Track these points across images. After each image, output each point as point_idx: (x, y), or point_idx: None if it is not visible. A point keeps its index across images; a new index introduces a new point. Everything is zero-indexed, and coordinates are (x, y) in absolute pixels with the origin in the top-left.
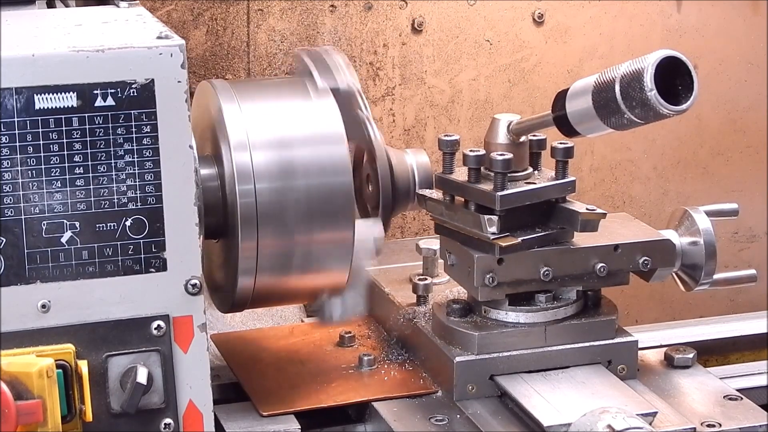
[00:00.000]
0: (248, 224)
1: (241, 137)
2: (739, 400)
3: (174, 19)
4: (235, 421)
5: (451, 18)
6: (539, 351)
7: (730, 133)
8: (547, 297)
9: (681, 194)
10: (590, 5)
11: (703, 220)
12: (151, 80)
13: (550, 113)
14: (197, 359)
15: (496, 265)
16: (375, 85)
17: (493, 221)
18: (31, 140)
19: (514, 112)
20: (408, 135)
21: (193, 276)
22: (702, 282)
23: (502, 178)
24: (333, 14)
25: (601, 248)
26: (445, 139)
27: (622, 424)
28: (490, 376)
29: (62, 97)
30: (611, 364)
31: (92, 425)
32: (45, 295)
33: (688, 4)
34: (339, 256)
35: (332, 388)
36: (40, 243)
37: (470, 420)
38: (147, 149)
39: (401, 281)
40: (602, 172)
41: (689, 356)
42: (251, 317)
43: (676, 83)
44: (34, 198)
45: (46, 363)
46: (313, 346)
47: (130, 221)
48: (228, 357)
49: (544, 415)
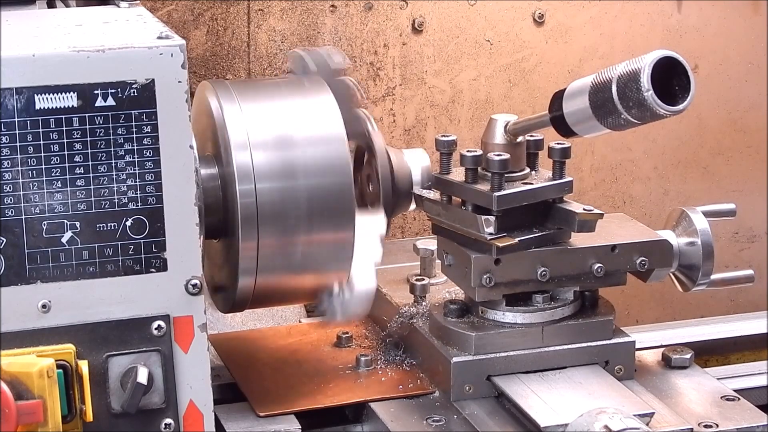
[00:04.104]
0: (249, 224)
1: (241, 137)
2: (736, 400)
3: (174, 19)
4: (235, 421)
5: (452, 18)
6: (536, 351)
7: (730, 133)
8: (544, 297)
9: (681, 194)
10: (591, 5)
11: (700, 221)
12: (151, 80)
13: (547, 113)
14: (198, 359)
15: (493, 266)
16: (375, 85)
17: (490, 222)
18: (32, 140)
19: (515, 112)
20: (408, 135)
21: (193, 276)
22: (699, 282)
23: (499, 179)
24: (333, 14)
25: (598, 248)
26: (442, 139)
27: (619, 425)
28: (487, 377)
29: (63, 97)
30: (608, 365)
31: (92, 425)
32: (45, 295)
33: (689, 4)
34: (339, 256)
35: (329, 389)
36: (41, 243)
37: (467, 420)
38: (147, 149)
39: (399, 281)
40: (603, 172)
41: (687, 357)
42: (251, 317)
43: (673, 83)
44: (34, 198)
45: (47, 363)
46: (311, 346)
47: (131, 221)
48: (225, 357)
49: (541, 415)
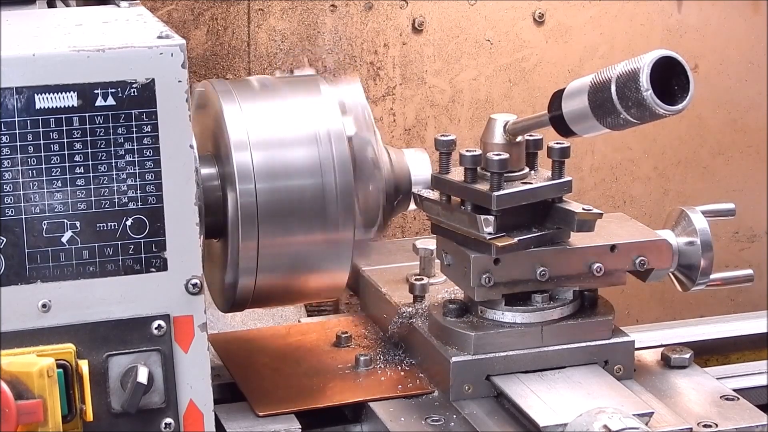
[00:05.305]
0: (249, 224)
1: (241, 137)
2: (735, 400)
3: (174, 18)
4: (235, 420)
5: (452, 18)
6: (536, 351)
7: (730, 132)
8: (543, 297)
9: (681, 194)
10: (591, 5)
11: (699, 220)
12: (151, 80)
13: (546, 113)
14: (198, 359)
15: (493, 266)
16: (375, 84)
17: (489, 221)
18: (32, 140)
19: (515, 111)
20: (408, 135)
21: (193, 276)
22: (699, 282)
23: (498, 178)
24: (333, 14)
25: (597, 248)
26: (442, 139)
27: (618, 425)
28: (487, 377)
29: (63, 97)
30: (608, 365)
31: (93, 425)
32: (45, 295)
33: (689, 4)
34: (340, 256)
35: (328, 389)
36: (41, 243)
37: (466, 420)
38: (147, 149)
39: (398, 281)
40: (603, 172)
41: (686, 356)
42: (251, 317)
43: (672, 83)
44: (34, 198)
45: (47, 363)
46: (310, 346)
47: (131, 221)
48: (224, 357)
49: (540, 415)
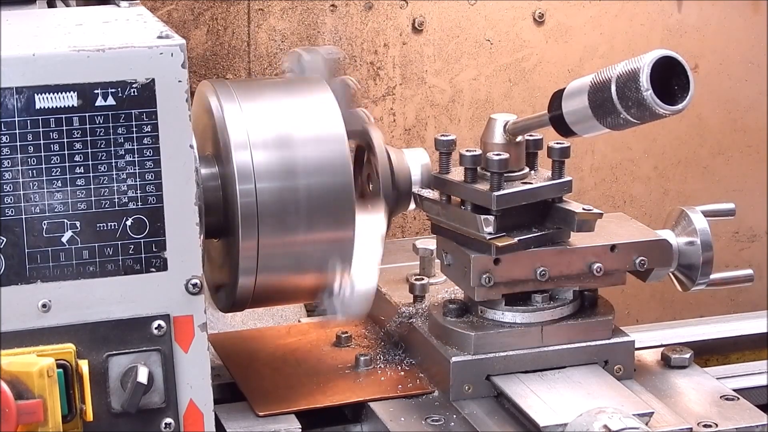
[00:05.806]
0: (249, 224)
1: (241, 137)
2: (735, 400)
3: (174, 18)
4: (235, 420)
5: (452, 18)
6: (536, 351)
7: (730, 132)
8: (543, 297)
9: (681, 194)
10: (591, 5)
11: (699, 220)
12: (151, 80)
13: (546, 113)
14: (198, 359)
15: (493, 265)
16: (375, 84)
17: (489, 221)
18: (32, 140)
19: (515, 111)
20: (409, 135)
21: (193, 275)
22: (699, 282)
23: (498, 178)
24: (333, 14)
25: (597, 248)
26: (442, 138)
27: (618, 425)
28: (487, 376)
29: (63, 97)
30: (608, 364)
31: (93, 425)
32: (45, 295)
33: (689, 4)
34: (340, 256)
35: (329, 389)
36: (41, 242)
37: (466, 420)
38: (147, 149)
39: (398, 281)
40: (603, 172)
41: (686, 356)
42: (251, 317)
43: (672, 83)
44: (34, 197)
45: (47, 362)
46: (310, 346)
47: (131, 221)
48: (224, 357)
49: (540, 415)
